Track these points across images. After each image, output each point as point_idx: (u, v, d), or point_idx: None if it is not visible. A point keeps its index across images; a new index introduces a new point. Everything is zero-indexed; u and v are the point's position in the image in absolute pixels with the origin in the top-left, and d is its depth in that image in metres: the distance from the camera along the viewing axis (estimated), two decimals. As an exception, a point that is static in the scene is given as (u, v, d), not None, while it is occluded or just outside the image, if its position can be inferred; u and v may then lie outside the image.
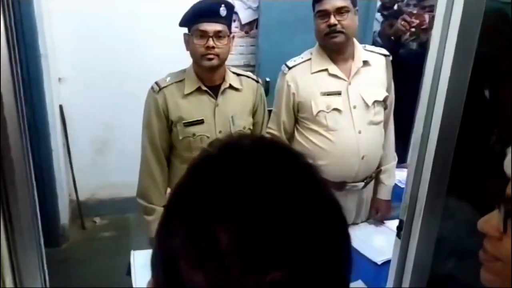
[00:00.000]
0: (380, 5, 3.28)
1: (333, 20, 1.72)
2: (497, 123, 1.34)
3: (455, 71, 0.92)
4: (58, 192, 3.09)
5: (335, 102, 1.79)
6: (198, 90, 1.78)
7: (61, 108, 3.22)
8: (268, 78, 3.01)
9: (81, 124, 3.30)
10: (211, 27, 1.67)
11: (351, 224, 2.00)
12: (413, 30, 2.62)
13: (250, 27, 3.48)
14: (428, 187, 0.95)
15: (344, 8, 1.73)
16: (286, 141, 1.91)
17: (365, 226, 2.02)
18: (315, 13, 1.79)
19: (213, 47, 1.67)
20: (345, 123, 1.80)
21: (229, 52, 1.77)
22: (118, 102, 3.17)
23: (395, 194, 1.99)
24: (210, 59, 1.69)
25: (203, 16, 1.67)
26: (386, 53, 1.93)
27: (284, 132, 1.92)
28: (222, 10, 1.66)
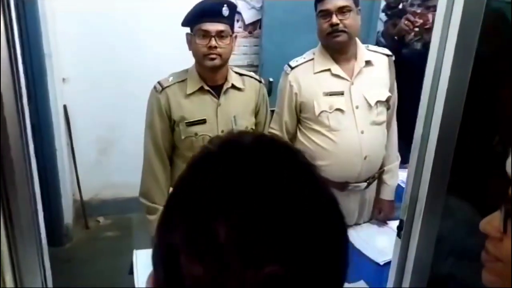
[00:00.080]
0: (385, 5, 3.28)
1: (335, 19, 1.72)
2: (499, 124, 1.33)
3: (455, 71, 0.92)
4: (62, 191, 3.10)
5: (338, 102, 1.79)
6: (200, 90, 1.78)
7: (65, 108, 3.23)
8: (271, 78, 3.01)
9: (85, 124, 3.31)
10: (214, 27, 1.67)
11: (354, 224, 2.00)
12: (416, 30, 2.61)
13: (253, 27, 3.48)
14: (428, 187, 0.95)
15: (346, 7, 1.72)
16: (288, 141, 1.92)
17: (367, 227, 2.01)
18: (317, 13, 1.79)
19: (215, 47, 1.68)
20: (347, 123, 1.79)
21: (231, 52, 1.77)
22: (122, 102, 3.18)
23: (398, 195, 1.98)
24: (213, 59, 1.70)
25: (206, 16, 1.67)
26: (389, 53, 1.93)
27: (286, 132, 1.91)
28: (225, 10, 1.66)
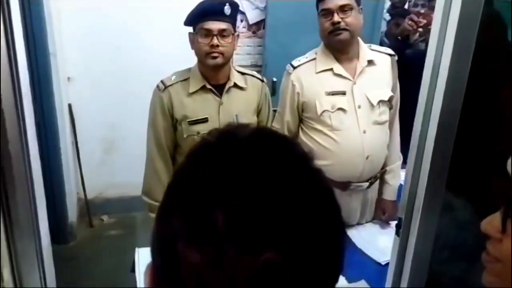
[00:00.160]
0: (390, 5, 3.27)
1: (336, 17, 1.72)
2: (500, 124, 1.32)
3: (454, 69, 0.92)
4: (66, 190, 3.12)
5: (340, 101, 1.79)
6: (202, 88, 1.79)
7: (70, 107, 3.25)
8: (275, 78, 3.02)
9: (89, 123, 3.32)
10: (216, 26, 1.68)
11: (356, 224, 1.99)
12: (420, 30, 2.60)
13: (257, 27, 3.48)
14: (426, 185, 0.95)
15: (347, 5, 1.73)
16: None
17: (370, 226, 2.01)
18: (319, 12, 1.79)
19: (217, 46, 1.68)
20: (349, 123, 1.79)
21: (233, 50, 1.78)
22: (127, 101, 3.19)
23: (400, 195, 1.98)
24: (215, 58, 1.70)
25: (208, 15, 1.68)
26: (392, 52, 1.92)
27: (288, 131, 1.91)
28: (227, 9, 1.67)
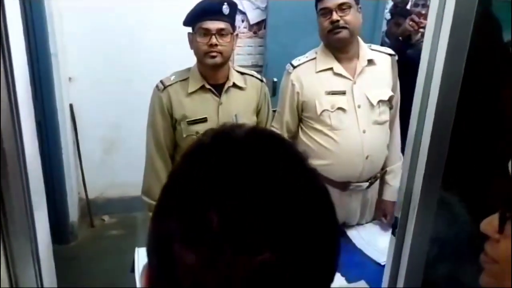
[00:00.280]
0: (392, 4, 3.26)
1: (335, 16, 1.72)
2: (501, 125, 1.32)
3: (448, 70, 0.92)
4: (67, 190, 3.12)
5: (340, 101, 1.78)
6: (202, 88, 1.79)
7: (71, 107, 3.26)
8: (275, 79, 3.02)
9: (90, 123, 3.33)
10: (214, 25, 1.68)
11: (356, 224, 1.99)
12: (422, 30, 2.59)
13: (258, 28, 3.48)
14: (422, 185, 0.95)
15: (345, 4, 1.72)
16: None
17: (370, 227, 2.01)
18: (318, 11, 1.79)
19: (216, 45, 1.68)
20: (349, 123, 1.78)
21: (232, 50, 1.78)
22: (128, 101, 3.19)
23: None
24: (213, 57, 1.70)
25: (206, 14, 1.68)
26: (392, 52, 1.92)
27: (287, 131, 1.91)
28: (225, 8, 1.67)
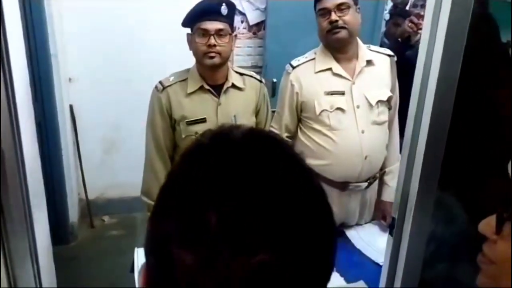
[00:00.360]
0: (392, 5, 3.27)
1: (334, 16, 1.73)
2: (499, 126, 1.32)
3: (444, 71, 0.92)
4: (67, 190, 3.13)
5: (339, 101, 1.79)
6: (201, 89, 1.79)
7: (71, 107, 3.26)
8: (275, 79, 3.02)
9: (90, 123, 3.34)
10: (212, 26, 1.68)
11: (355, 225, 1.99)
12: (420, 32, 2.59)
13: (258, 28, 3.48)
14: (418, 185, 0.95)
15: (344, 4, 1.73)
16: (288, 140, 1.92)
17: (369, 227, 2.01)
18: (317, 12, 1.80)
19: (214, 45, 1.69)
20: (348, 123, 1.79)
21: (231, 50, 1.78)
22: (128, 102, 3.19)
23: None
24: (212, 57, 1.71)
25: (205, 15, 1.68)
26: (391, 53, 1.92)
27: (286, 131, 1.91)
28: (223, 9, 1.68)
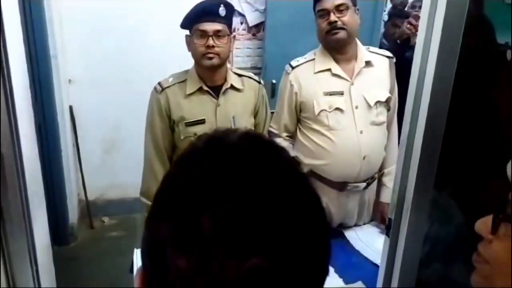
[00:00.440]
0: (391, 6, 3.26)
1: (333, 17, 1.73)
2: (498, 126, 1.32)
3: (439, 72, 0.92)
4: (67, 191, 3.13)
5: (338, 101, 1.79)
6: (199, 90, 1.80)
7: (70, 108, 3.27)
8: (274, 80, 3.02)
9: (90, 124, 3.34)
10: (211, 27, 1.69)
11: (354, 225, 1.99)
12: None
13: (257, 30, 3.48)
14: (414, 186, 0.95)
15: (343, 5, 1.74)
16: (288, 140, 1.92)
17: (367, 228, 2.01)
18: (316, 13, 1.80)
19: (213, 46, 1.69)
20: (347, 123, 1.79)
21: (229, 51, 1.79)
22: (127, 103, 3.20)
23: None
24: (210, 58, 1.71)
25: (203, 16, 1.69)
26: (390, 55, 1.92)
27: (286, 131, 1.92)
28: (222, 10, 1.68)
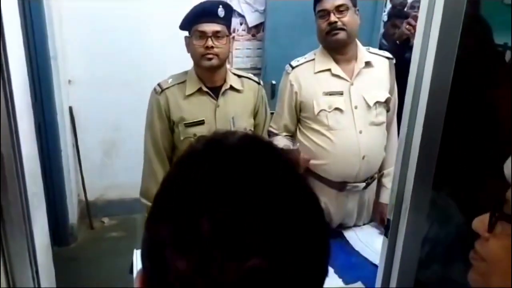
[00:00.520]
0: (390, 7, 3.26)
1: (333, 17, 1.74)
2: (496, 126, 1.32)
3: (437, 72, 0.93)
4: (67, 192, 3.14)
5: (337, 101, 1.80)
6: (199, 91, 1.80)
7: (70, 109, 3.27)
8: (274, 81, 3.02)
9: (90, 125, 3.35)
10: (210, 28, 1.69)
11: (353, 226, 1.99)
12: None
13: (257, 30, 3.49)
14: (413, 186, 0.95)
15: (343, 5, 1.74)
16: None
17: (367, 228, 2.01)
18: (316, 13, 1.81)
19: (212, 47, 1.70)
20: (346, 123, 1.80)
21: (228, 52, 1.79)
22: (127, 103, 3.20)
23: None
24: (210, 59, 1.72)
25: (202, 17, 1.69)
26: (390, 56, 1.93)
27: (286, 131, 1.92)
28: (220, 11, 1.69)
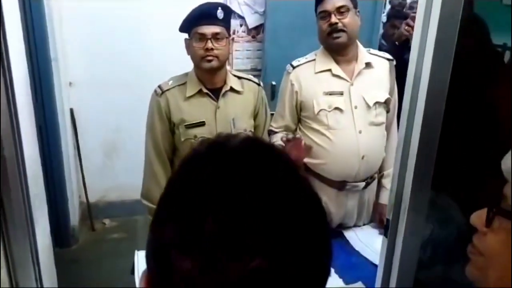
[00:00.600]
0: (389, 8, 3.27)
1: (334, 19, 1.75)
2: (495, 125, 1.33)
3: (435, 72, 0.93)
4: (68, 194, 3.14)
5: (337, 101, 1.81)
6: (199, 92, 1.81)
7: (71, 111, 3.28)
8: (274, 82, 3.03)
9: (91, 127, 3.36)
10: (209, 30, 1.70)
11: (353, 226, 2.00)
12: None
13: (256, 32, 3.50)
14: (412, 186, 0.96)
15: (344, 6, 1.76)
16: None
17: (367, 228, 2.01)
18: (317, 14, 1.83)
19: (211, 49, 1.71)
20: (346, 123, 1.81)
21: (228, 53, 1.80)
22: (128, 105, 3.21)
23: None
24: (210, 61, 1.73)
25: (201, 19, 1.71)
26: (390, 57, 1.94)
27: (286, 131, 1.93)
28: (219, 13, 1.70)
